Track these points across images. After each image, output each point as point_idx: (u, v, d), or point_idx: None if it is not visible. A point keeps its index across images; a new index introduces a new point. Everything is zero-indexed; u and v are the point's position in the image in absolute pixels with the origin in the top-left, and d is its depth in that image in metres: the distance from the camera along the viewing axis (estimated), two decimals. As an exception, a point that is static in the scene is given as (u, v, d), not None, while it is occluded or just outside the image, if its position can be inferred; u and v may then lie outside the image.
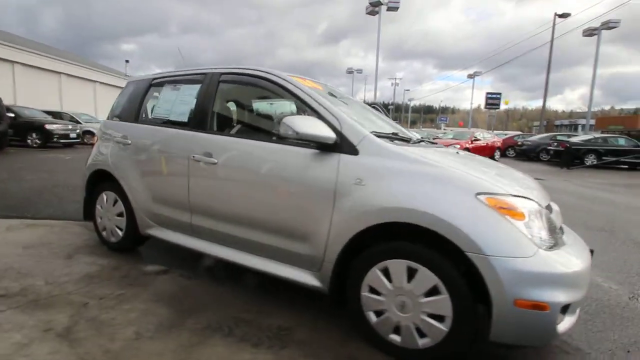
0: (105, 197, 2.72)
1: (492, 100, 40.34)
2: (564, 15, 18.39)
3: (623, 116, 41.23)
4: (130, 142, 2.58)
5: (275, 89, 2.09)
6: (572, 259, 1.49)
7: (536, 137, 16.29)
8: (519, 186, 1.65)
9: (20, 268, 2.36)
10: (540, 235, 1.46)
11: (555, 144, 13.95)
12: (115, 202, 2.66)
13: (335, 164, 1.74)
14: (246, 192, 2.00)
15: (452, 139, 14.06)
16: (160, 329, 1.78)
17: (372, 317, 1.66)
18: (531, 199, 1.55)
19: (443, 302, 1.48)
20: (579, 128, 44.07)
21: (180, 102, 2.45)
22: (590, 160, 12.62)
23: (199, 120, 2.27)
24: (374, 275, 1.62)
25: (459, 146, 12.87)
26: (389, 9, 20.15)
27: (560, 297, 1.37)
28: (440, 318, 1.50)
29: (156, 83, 2.71)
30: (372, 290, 1.64)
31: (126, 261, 2.59)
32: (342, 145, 1.75)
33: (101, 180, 2.78)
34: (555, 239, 1.52)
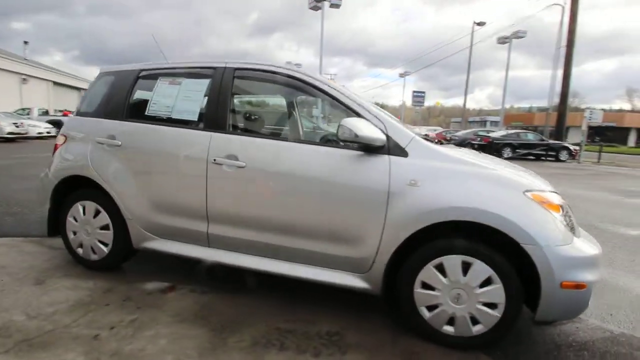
0: (82, 208, 2.31)
1: (418, 98, 43.98)
2: (481, 24, 20.98)
3: (522, 114, 48.50)
4: (120, 143, 2.22)
5: (307, 89, 2.00)
6: (591, 244, 1.75)
7: (461, 133, 18.33)
8: (542, 182, 1.87)
9: (-20, 302, 1.88)
10: (570, 224, 1.69)
11: (479, 138, 15.90)
12: (97, 213, 2.28)
13: (386, 166, 1.75)
14: (282, 196, 1.89)
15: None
16: (204, 352, 1.60)
17: (425, 312, 1.73)
18: (558, 193, 1.77)
19: (497, 291, 1.62)
20: (487, 124, 50.78)
21: (184, 98, 2.18)
22: (507, 153, 14.66)
23: (214, 119, 2.05)
24: (428, 272, 1.69)
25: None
26: (332, 5, 20.59)
27: (592, 276, 1.61)
28: (493, 306, 1.64)
29: (145, 75, 2.36)
30: (426, 286, 1.71)
31: (117, 281, 2.24)
32: (389, 147, 1.77)
33: (72, 189, 2.35)
34: (574, 227, 1.77)
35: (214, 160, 1.96)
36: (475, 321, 1.67)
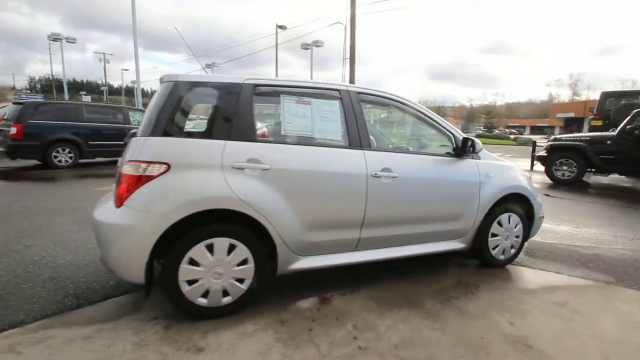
0: (206, 248, 1.94)
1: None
2: (283, 27, 23.56)
3: None
4: (269, 166, 2.01)
5: (415, 113, 2.62)
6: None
7: None
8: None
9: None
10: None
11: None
12: (231, 249, 2.00)
13: (475, 165, 2.72)
14: (423, 196, 2.49)
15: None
16: (424, 319, 2.10)
17: (493, 252, 2.88)
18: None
19: (516, 227, 2.98)
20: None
21: (322, 118, 2.25)
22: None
23: (359, 138, 2.30)
24: (496, 226, 2.84)
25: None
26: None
27: (544, 213, 3.25)
28: (517, 237, 3.00)
29: (261, 92, 2.16)
30: (493, 235, 2.85)
31: (271, 317, 2.09)
32: (471, 152, 2.73)
33: (190, 227, 1.92)
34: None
35: (375, 174, 2.29)
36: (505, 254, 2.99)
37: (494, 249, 2.88)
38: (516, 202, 2.92)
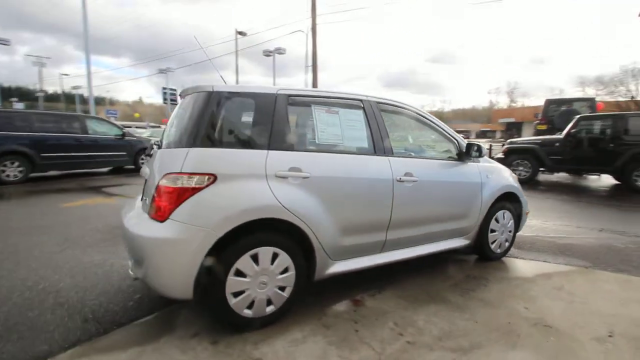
0: (251, 258, 1.93)
1: (170, 96, 41.82)
2: (242, 33, 23.25)
3: None
4: (308, 174, 2.05)
5: (424, 121, 2.82)
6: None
7: None
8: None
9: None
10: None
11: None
12: (274, 257, 2.01)
13: (477, 168, 2.97)
14: (439, 197, 2.68)
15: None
16: (454, 309, 2.28)
17: (492, 246, 3.16)
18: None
19: (509, 223, 3.30)
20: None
21: (349, 127, 2.35)
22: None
23: (381, 146, 2.43)
24: (494, 223, 3.12)
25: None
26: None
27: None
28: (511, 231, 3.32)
29: (294, 102, 2.20)
30: (492, 231, 3.13)
31: (315, 322, 2.12)
32: (477, 157, 2.99)
33: (233, 238, 1.90)
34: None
35: (399, 179, 2.43)
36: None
37: (492, 243, 3.16)
38: (508, 200, 3.24)
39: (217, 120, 1.98)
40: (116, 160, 9.50)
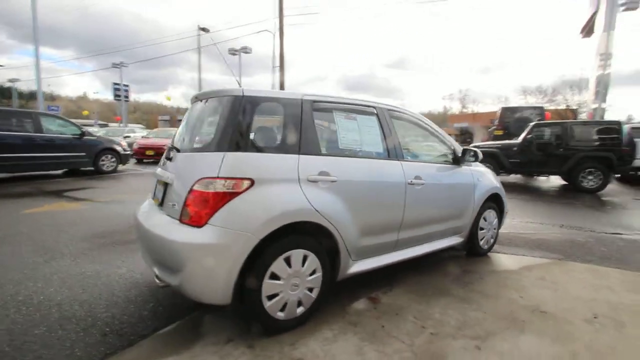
0: (284, 261, 1.98)
1: (120, 92, 39.03)
2: (205, 30, 22.47)
3: None
4: (335, 178, 2.12)
5: (425, 127, 3.01)
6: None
7: None
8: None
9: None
10: (495, 187, 3.99)
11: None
12: (304, 259, 2.07)
13: (470, 171, 3.24)
14: (442, 198, 2.88)
15: (157, 138, 13.72)
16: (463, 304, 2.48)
17: (481, 243, 3.45)
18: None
19: (494, 221, 3.63)
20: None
21: (366, 132, 2.46)
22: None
23: (394, 150, 2.58)
24: (482, 221, 3.41)
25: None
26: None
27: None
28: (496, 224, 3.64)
29: (319, 108, 2.26)
30: (481, 228, 3.42)
31: (339, 321, 2.20)
32: (473, 161, 3.25)
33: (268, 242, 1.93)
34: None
35: (410, 182, 2.59)
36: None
37: (481, 240, 3.45)
38: (493, 199, 3.56)
39: (249, 125, 1.99)
40: (74, 162, 8.81)
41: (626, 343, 2.05)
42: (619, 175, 8.41)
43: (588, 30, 13.21)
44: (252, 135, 2.00)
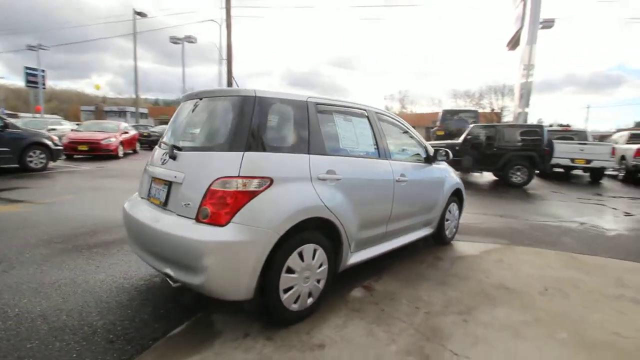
0: (298, 255, 2.08)
1: (34, 77, 34.06)
2: (142, 14, 20.62)
3: (172, 107, 51.47)
4: (341, 177, 2.25)
5: (403, 128, 3.29)
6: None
7: (158, 128, 18.12)
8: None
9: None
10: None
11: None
12: (314, 253, 2.20)
13: (441, 168, 3.62)
14: (419, 193, 3.19)
15: (90, 131, 12.40)
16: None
17: (446, 232, 3.88)
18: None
19: (456, 213, 4.09)
20: (128, 115, 49.11)
21: (360, 134, 2.63)
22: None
23: (383, 150, 2.80)
24: (447, 213, 3.84)
25: (114, 139, 11.99)
26: None
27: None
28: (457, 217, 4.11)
29: (321, 110, 2.36)
30: (446, 220, 3.84)
31: (341, 311, 2.36)
32: (445, 160, 3.62)
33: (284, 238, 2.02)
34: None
35: (397, 179, 2.84)
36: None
37: (446, 230, 3.88)
38: (455, 194, 4.02)
39: (264, 125, 2.04)
40: (-5, 159, 7.65)
41: (574, 308, 2.54)
42: (539, 171, 9.80)
43: (514, 43, 15.09)
44: (266, 135, 2.05)
